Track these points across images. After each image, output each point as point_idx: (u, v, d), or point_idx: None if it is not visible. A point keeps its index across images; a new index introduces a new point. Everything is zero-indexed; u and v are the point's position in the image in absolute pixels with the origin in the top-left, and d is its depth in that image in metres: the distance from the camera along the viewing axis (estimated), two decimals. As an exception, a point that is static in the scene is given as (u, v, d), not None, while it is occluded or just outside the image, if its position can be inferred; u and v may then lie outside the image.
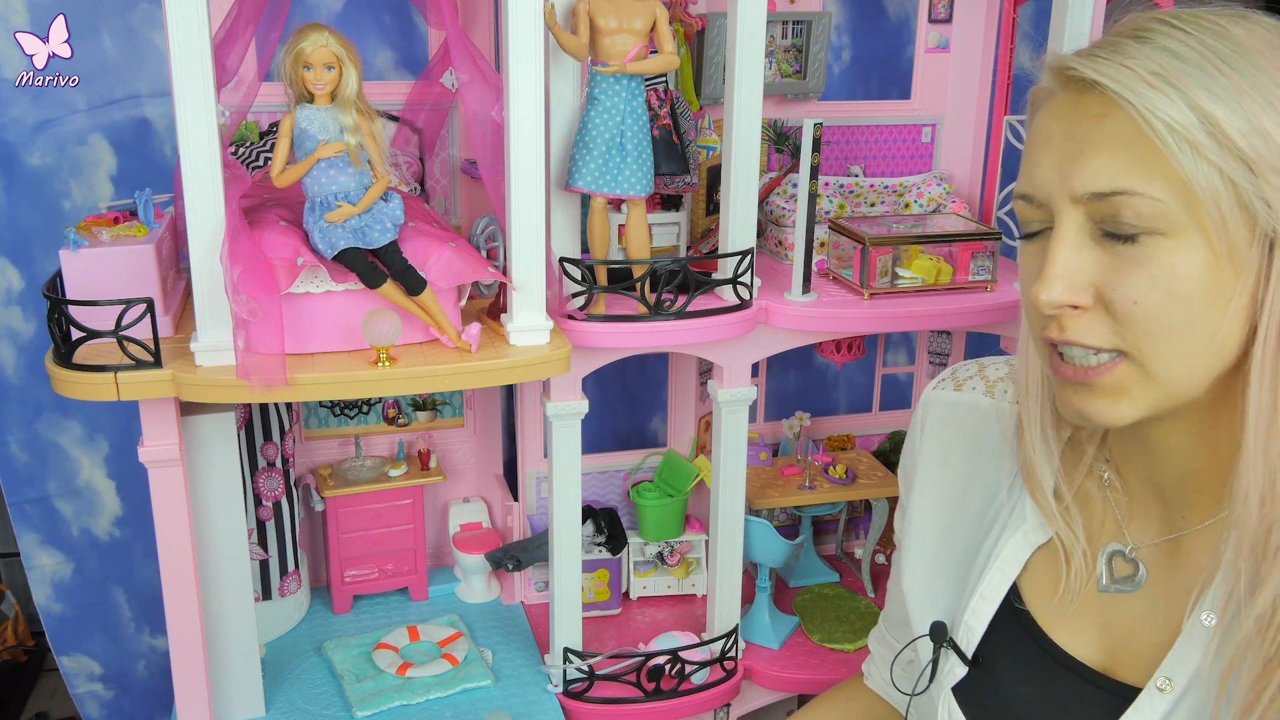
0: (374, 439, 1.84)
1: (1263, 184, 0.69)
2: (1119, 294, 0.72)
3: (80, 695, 2.05)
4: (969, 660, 0.91)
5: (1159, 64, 0.69)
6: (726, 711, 1.74)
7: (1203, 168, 0.68)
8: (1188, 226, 0.70)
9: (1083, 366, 0.76)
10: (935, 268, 1.61)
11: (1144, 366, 0.74)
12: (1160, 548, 0.84)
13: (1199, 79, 0.69)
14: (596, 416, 1.66)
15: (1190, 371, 0.74)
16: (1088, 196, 0.72)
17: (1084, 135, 0.72)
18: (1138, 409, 0.75)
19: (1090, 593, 0.87)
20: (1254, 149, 0.68)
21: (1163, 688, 0.79)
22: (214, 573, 1.44)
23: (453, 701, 1.58)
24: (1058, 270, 0.74)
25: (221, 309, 1.24)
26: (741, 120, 1.43)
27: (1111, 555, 0.86)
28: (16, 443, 1.88)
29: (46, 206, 1.78)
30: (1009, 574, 0.90)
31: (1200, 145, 0.68)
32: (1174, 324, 0.72)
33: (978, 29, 1.81)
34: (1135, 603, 0.85)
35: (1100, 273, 0.73)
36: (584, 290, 1.43)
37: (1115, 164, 0.71)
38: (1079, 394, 0.77)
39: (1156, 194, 0.69)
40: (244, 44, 1.33)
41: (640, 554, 1.87)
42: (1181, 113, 0.68)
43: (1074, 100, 0.74)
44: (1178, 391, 0.75)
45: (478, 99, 1.36)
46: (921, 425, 1.03)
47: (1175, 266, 0.70)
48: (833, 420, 2.06)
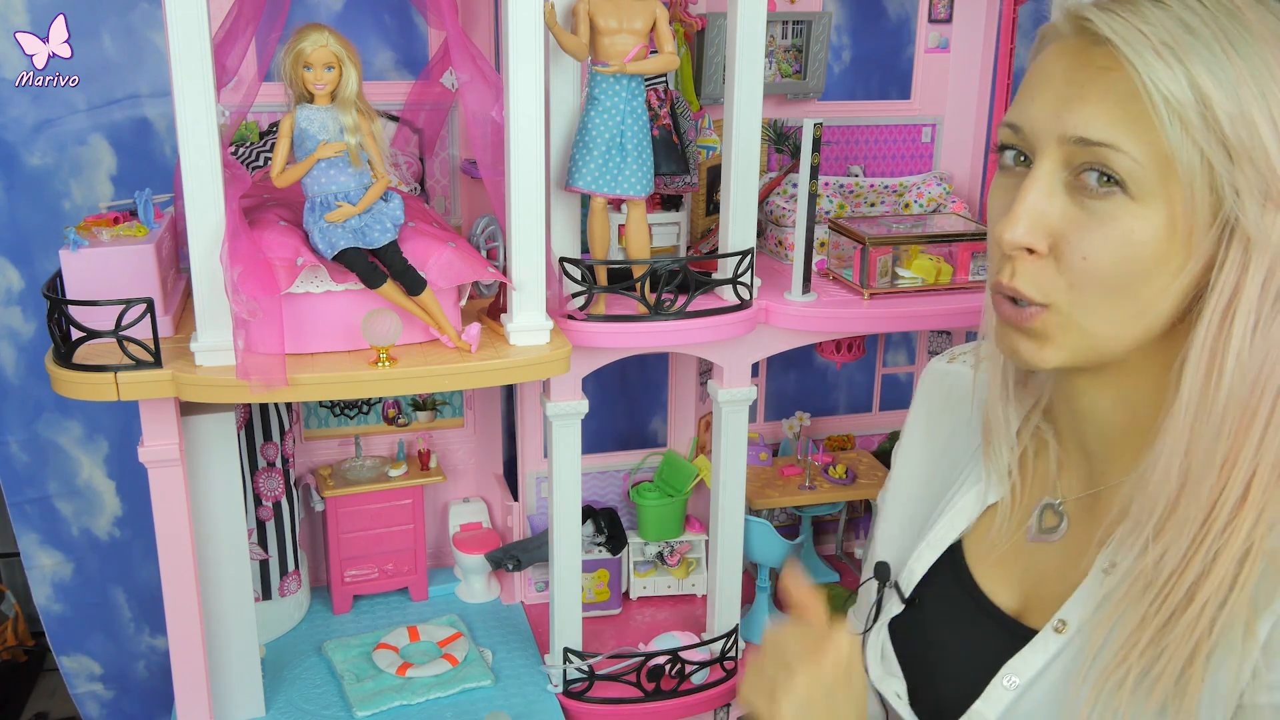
0: (374, 439, 1.84)
1: (1237, 172, 0.71)
2: (1072, 245, 0.76)
3: (80, 695, 2.05)
4: (906, 599, 0.96)
5: (1171, 34, 0.71)
6: (726, 711, 1.74)
7: (1187, 144, 0.71)
8: (1156, 195, 0.73)
9: (1018, 309, 0.80)
10: (935, 268, 1.61)
11: (1070, 317, 0.78)
12: (1082, 501, 0.90)
13: (1204, 58, 0.70)
14: (596, 416, 1.65)
15: (1115, 331, 0.78)
16: (1075, 139, 0.74)
17: (1085, 82, 0.74)
18: (1061, 355, 0.80)
19: (1020, 543, 0.92)
20: (1238, 137, 0.70)
21: (1058, 629, 0.84)
22: (214, 573, 1.44)
23: (453, 701, 1.58)
24: (1024, 209, 0.76)
25: (221, 309, 1.24)
26: (741, 120, 1.43)
27: (1044, 507, 0.91)
28: (16, 443, 1.88)
29: (46, 206, 1.78)
30: (957, 526, 0.96)
31: (1190, 123, 0.70)
32: (1113, 285, 0.75)
33: (978, 29, 1.81)
34: (1053, 552, 0.90)
35: (1063, 222, 0.76)
36: (584, 290, 1.43)
37: (1109, 116, 0.73)
38: (1012, 334, 0.81)
39: (1138, 155, 0.72)
40: (244, 44, 1.33)
41: (640, 554, 1.87)
42: (1181, 88, 0.70)
43: (1083, 48, 0.75)
44: (1101, 345, 0.79)
45: (478, 99, 1.36)
46: (917, 394, 1.08)
47: (1134, 231, 0.73)
48: (833, 420, 2.06)
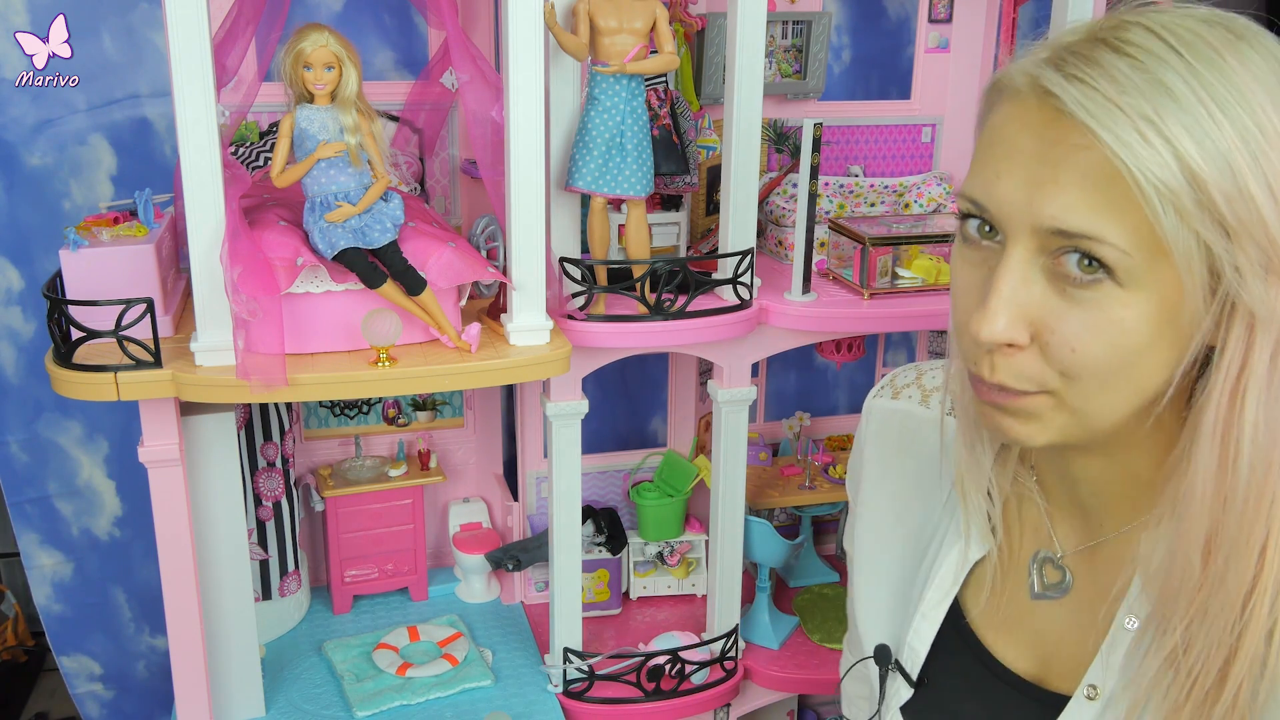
0: (374, 439, 1.84)
1: (1237, 252, 0.64)
2: (1057, 337, 0.69)
3: (80, 695, 2.04)
4: (914, 682, 0.90)
5: (1149, 102, 0.63)
6: (726, 711, 1.74)
7: (1183, 232, 0.64)
8: (1147, 283, 0.66)
9: (998, 391, 0.72)
10: (935, 268, 1.61)
11: (1065, 402, 0.71)
12: (1081, 554, 0.84)
13: (1191, 129, 0.63)
14: (596, 416, 1.65)
15: (1112, 411, 0.72)
16: (1052, 231, 0.66)
17: (1059, 161, 0.66)
18: (1050, 434, 0.73)
19: (1024, 601, 0.86)
20: (1235, 215, 0.64)
21: (1090, 695, 0.78)
22: (214, 573, 1.44)
23: (453, 701, 1.58)
24: (1001, 303, 0.69)
25: (221, 309, 1.24)
26: (741, 120, 1.43)
27: (1042, 562, 0.85)
28: (16, 443, 1.88)
29: (46, 206, 1.78)
30: (948, 591, 0.89)
31: (1185, 210, 0.63)
32: (1107, 372, 0.69)
33: (978, 29, 1.81)
34: (1062, 609, 0.84)
35: (1044, 311, 0.69)
36: (584, 290, 1.43)
37: (1089, 203, 0.65)
38: (996, 414, 0.74)
39: (1125, 244, 0.65)
40: (244, 44, 1.33)
41: (640, 554, 1.87)
42: (1170, 173, 0.63)
43: (1051, 118, 0.67)
44: (1095, 425, 0.73)
45: (478, 99, 1.36)
46: (863, 436, 1.00)
47: (1125, 320, 0.67)
48: (833, 420, 2.06)
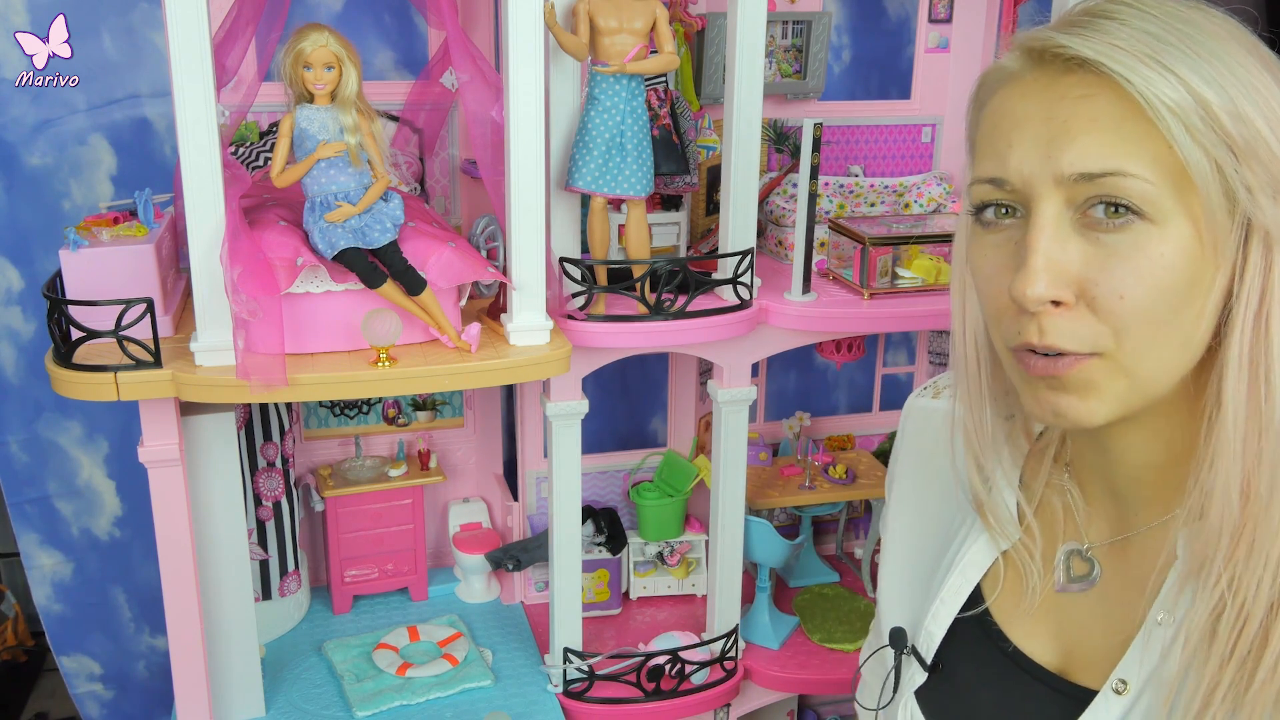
0: (374, 439, 1.84)
1: (1245, 170, 0.67)
2: (1103, 288, 0.68)
3: (80, 695, 2.04)
4: (929, 666, 0.89)
5: (1146, 45, 0.67)
6: (726, 711, 1.74)
7: (1197, 151, 0.66)
8: (1176, 212, 0.67)
9: (1052, 359, 0.71)
10: (935, 268, 1.61)
11: (1120, 363, 0.71)
12: (1112, 547, 0.83)
13: (1187, 61, 0.66)
14: (596, 416, 1.65)
15: (1166, 369, 0.71)
16: (1075, 177, 0.68)
17: (1068, 115, 0.68)
18: (1108, 406, 0.72)
19: (1049, 594, 0.85)
20: (1240, 133, 0.66)
21: (1118, 689, 0.77)
22: (214, 573, 1.44)
23: (453, 701, 1.58)
24: (1041, 261, 0.68)
25: (221, 309, 1.24)
26: (741, 120, 1.43)
27: (1069, 554, 0.85)
28: (16, 443, 1.88)
29: (46, 206, 1.78)
30: (970, 579, 0.89)
31: (1195, 128, 0.66)
32: (1159, 318, 0.69)
33: (978, 29, 1.81)
34: (1089, 602, 0.84)
35: (1083, 265, 0.69)
36: (584, 290, 1.43)
37: (1106, 143, 0.67)
38: (1051, 390, 0.73)
39: (1149, 176, 0.66)
40: (244, 44, 1.33)
41: (640, 554, 1.87)
42: (1180, 94, 0.66)
43: (1051, 81, 0.70)
44: (1151, 389, 0.72)
45: (478, 99, 1.36)
46: (901, 433, 1.02)
47: (1164, 256, 0.67)
48: (833, 420, 2.06)
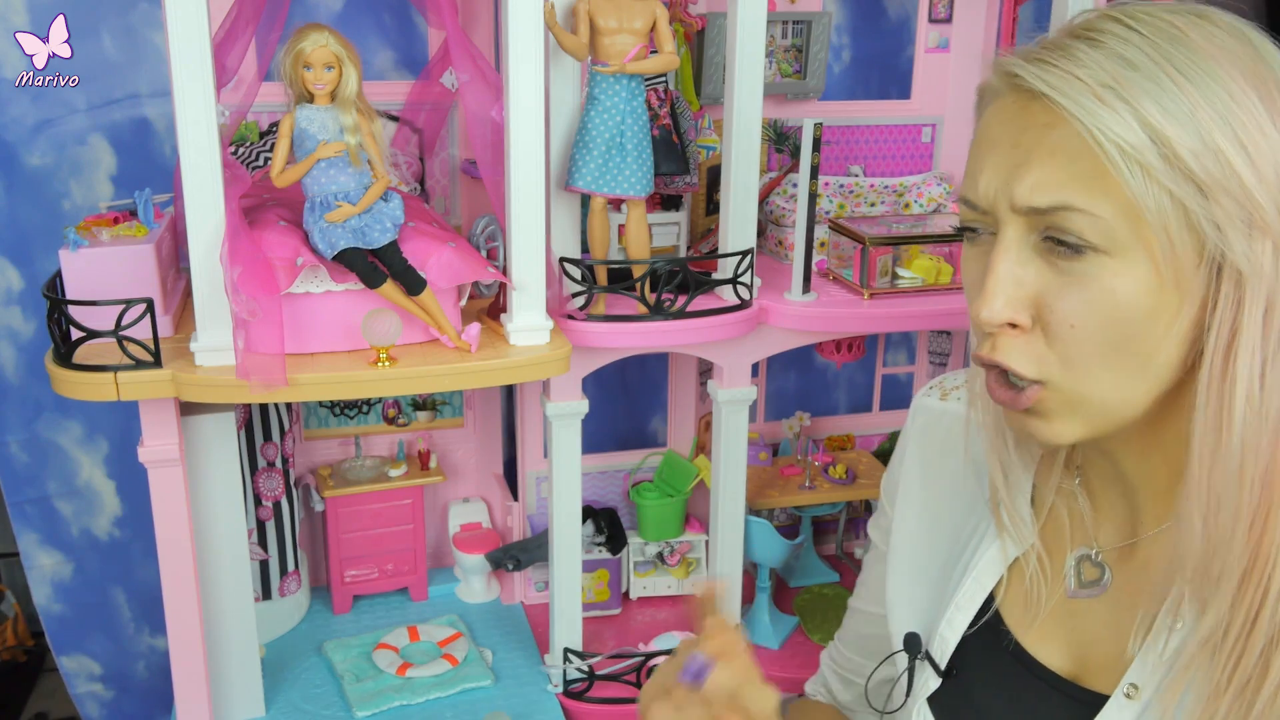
0: (374, 439, 1.84)
1: (1213, 207, 0.65)
2: (1056, 315, 0.70)
3: (80, 695, 2.04)
4: (942, 671, 0.89)
5: (1111, 74, 0.66)
6: (726, 711, 1.73)
7: (1152, 190, 0.65)
8: (1132, 247, 0.67)
9: (1009, 391, 0.74)
10: (935, 268, 1.61)
11: (1064, 394, 0.72)
12: (1121, 551, 0.83)
13: (1152, 92, 0.65)
14: (596, 416, 1.65)
15: (1123, 395, 0.72)
16: (1027, 210, 0.69)
17: (1030, 144, 0.69)
18: (1073, 429, 0.74)
19: (1060, 599, 0.86)
20: (1205, 170, 0.65)
21: (1129, 695, 0.78)
22: (214, 573, 1.44)
23: (453, 701, 1.58)
24: (999, 284, 0.71)
25: (221, 309, 1.24)
26: (741, 120, 1.43)
27: (1080, 560, 0.85)
28: (16, 443, 1.88)
29: (46, 206, 1.78)
30: (984, 585, 0.89)
31: (1151, 167, 0.65)
32: (1107, 349, 0.69)
33: (978, 29, 1.81)
34: (1100, 607, 0.84)
35: (1041, 289, 0.70)
36: (584, 290, 1.43)
37: (1058, 178, 0.67)
38: (1016, 417, 0.76)
39: (1100, 212, 0.66)
40: (244, 44, 1.33)
41: (640, 554, 1.87)
42: (1133, 132, 0.65)
43: (1022, 106, 0.70)
44: (1113, 413, 0.73)
45: (478, 99, 1.36)
46: (907, 432, 1.02)
47: (1116, 290, 0.68)
48: (833, 420, 2.06)
